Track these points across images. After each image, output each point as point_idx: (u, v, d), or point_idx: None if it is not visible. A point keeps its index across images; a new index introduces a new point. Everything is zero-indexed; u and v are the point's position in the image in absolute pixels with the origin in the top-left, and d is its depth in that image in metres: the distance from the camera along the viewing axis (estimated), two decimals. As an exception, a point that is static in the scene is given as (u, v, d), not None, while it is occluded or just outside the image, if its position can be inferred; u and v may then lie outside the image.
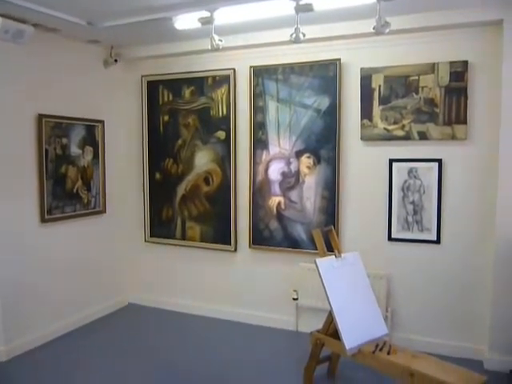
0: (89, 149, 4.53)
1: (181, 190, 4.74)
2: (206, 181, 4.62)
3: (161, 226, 4.90)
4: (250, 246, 4.49)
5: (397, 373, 2.87)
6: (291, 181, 4.25)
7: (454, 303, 3.83)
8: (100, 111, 4.68)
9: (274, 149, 4.30)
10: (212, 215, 4.62)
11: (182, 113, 4.68)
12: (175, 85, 4.69)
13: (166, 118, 4.76)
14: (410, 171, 3.87)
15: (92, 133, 4.56)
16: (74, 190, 4.38)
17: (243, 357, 3.90)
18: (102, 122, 4.66)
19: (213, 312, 4.73)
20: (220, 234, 4.60)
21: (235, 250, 4.57)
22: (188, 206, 4.72)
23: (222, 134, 4.51)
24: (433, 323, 3.91)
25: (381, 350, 3.03)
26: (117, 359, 3.83)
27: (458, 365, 2.86)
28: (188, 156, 4.69)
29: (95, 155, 4.61)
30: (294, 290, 4.30)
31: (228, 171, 4.51)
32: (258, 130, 4.35)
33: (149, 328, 4.52)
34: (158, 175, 4.86)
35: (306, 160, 4.18)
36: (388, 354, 2.98)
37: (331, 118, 4.05)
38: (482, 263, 3.72)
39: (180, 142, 4.71)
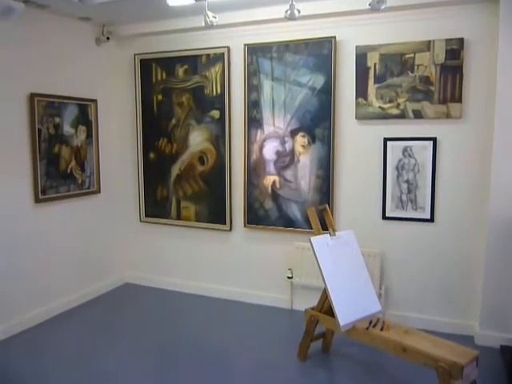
0: (82, 128, 4.49)
1: (175, 169, 4.73)
2: (201, 160, 4.60)
3: (156, 206, 4.90)
4: (245, 226, 4.50)
5: (390, 348, 2.92)
6: (286, 160, 4.25)
7: (446, 280, 3.88)
8: (93, 90, 4.62)
9: (268, 128, 4.28)
10: (207, 195, 4.62)
11: (175, 92, 4.63)
12: (168, 63, 4.63)
13: (160, 97, 4.72)
14: (405, 150, 3.87)
15: (85, 112, 4.51)
16: (68, 170, 4.36)
17: (239, 334, 3.94)
18: (94, 101, 4.61)
19: (209, 291, 4.77)
20: (215, 213, 4.61)
21: (230, 229, 4.59)
22: (183, 186, 4.72)
23: (216, 113, 4.48)
24: (426, 300, 3.96)
25: (374, 326, 3.08)
26: (113, 338, 3.87)
27: (449, 340, 2.91)
28: (182, 135, 4.66)
29: (88, 135, 4.57)
30: (289, 269, 4.34)
31: (222, 151, 4.49)
32: (253, 108, 4.32)
33: (145, 306, 4.56)
34: (152, 155, 4.84)
35: (301, 139, 4.17)
36: (381, 330, 3.03)
37: (326, 97, 4.03)
38: (475, 241, 3.76)
39: (174, 121, 4.68)
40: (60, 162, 4.26)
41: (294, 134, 4.19)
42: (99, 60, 4.72)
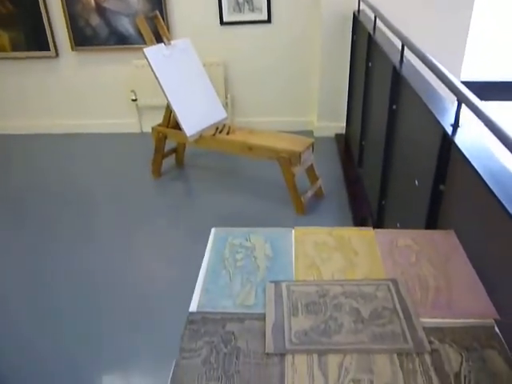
0: None
1: (-31, -13, 3.84)
2: (0, -28, 3.77)
3: (-42, 38, 4.06)
4: (73, 49, 3.99)
5: (237, 149, 3.04)
6: (105, -37, 3.66)
7: (287, 82, 4.00)
8: None
9: None
10: (19, 17, 3.88)
11: None
12: None
13: None
14: None
15: None
16: None
17: (92, 166, 3.80)
18: None
19: (48, 128, 4.35)
20: (34, 38, 3.96)
21: (57, 55, 4.04)
22: (-15, 8, 3.90)
23: None
24: (270, 103, 4.10)
25: (220, 132, 3.14)
26: None
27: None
28: None
29: None
30: (132, 91, 4.09)
31: (25, -43, 3.69)
32: None
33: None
34: None
35: None
36: (227, 134, 3.11)
37: None
38: (311, 39, 3.81)
39: None
40: None
41: None
42: None
